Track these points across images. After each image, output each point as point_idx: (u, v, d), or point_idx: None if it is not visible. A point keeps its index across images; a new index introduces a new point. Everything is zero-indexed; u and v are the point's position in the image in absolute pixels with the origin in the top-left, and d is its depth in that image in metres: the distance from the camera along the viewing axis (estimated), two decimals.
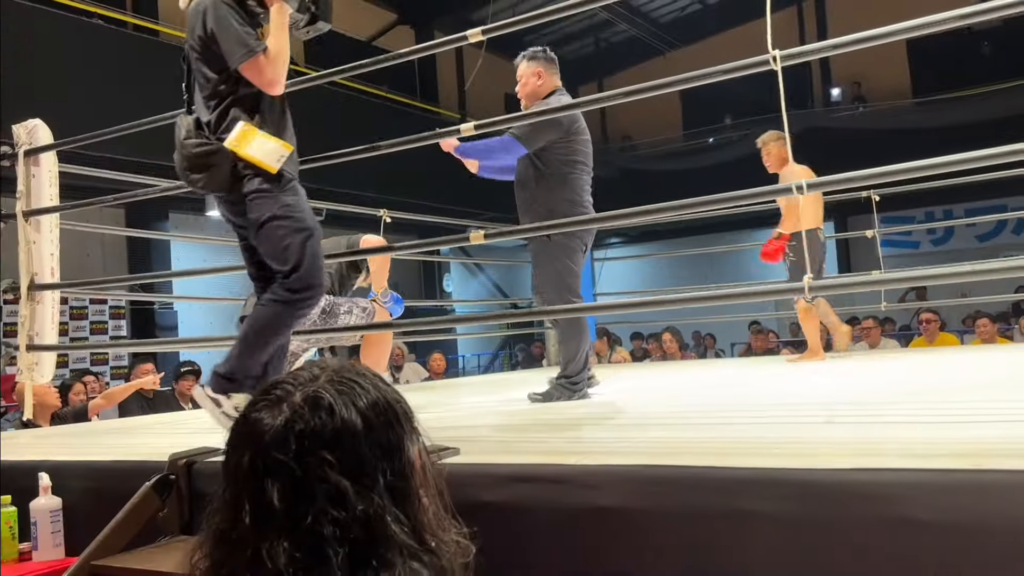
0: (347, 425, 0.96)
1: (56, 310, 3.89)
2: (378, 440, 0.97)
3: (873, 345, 7.48)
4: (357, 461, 0.95)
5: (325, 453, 0.94)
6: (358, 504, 0.93)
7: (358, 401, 0.98)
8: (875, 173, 2.23)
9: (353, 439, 0.96)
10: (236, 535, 0.94)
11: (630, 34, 15.84)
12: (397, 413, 1.01)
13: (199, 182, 2.75)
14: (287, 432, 0.95)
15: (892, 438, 2.07)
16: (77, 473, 2.62)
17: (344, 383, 1.00)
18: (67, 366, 9.17)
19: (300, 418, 0.96)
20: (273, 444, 0.95)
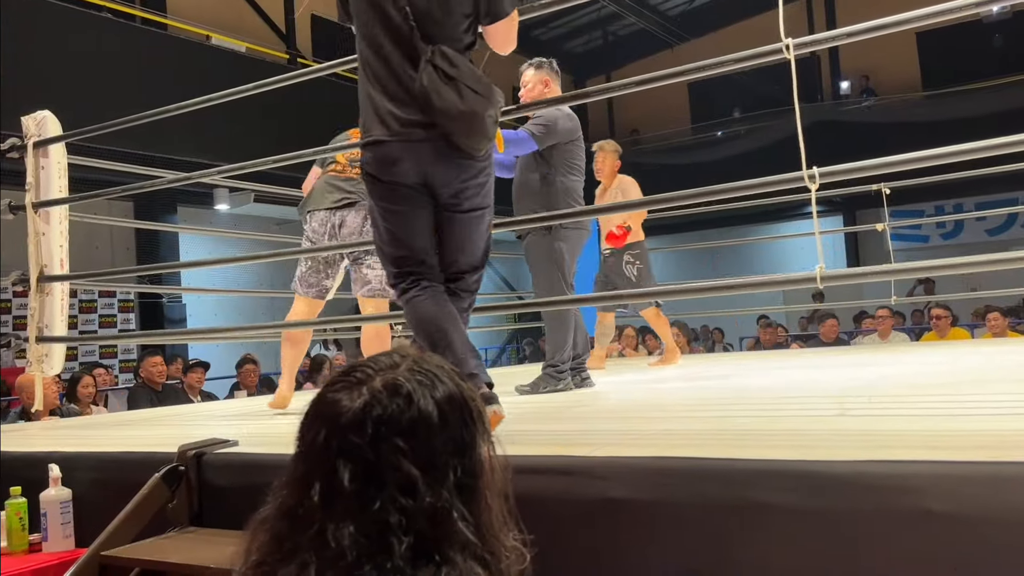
0: (423, 416, 0.96)
1: (65, 302, 3.89)
2: (452, 435, 0.98)
3: (884, 336, 7.45)
4: (430, 453, 0.95)
5: (399, 441, 0.94)
6: (426, 496, 0.93)
7: (436, 393, 0.98)
8: (886, 163, 2.21)
9: (428, 431, 0.96)
10: (302, 511, 0.95)
11: (638, 27, 15.79)
12: (472, 410, 1.01)
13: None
14: (364, 416, 0.95)
15: (906, 430, 2.05)
16: (87, 464, 2.62)
17: (424, 373, 1.00)
18: (76, 359, 9.21)
19: (378, 403, 0.96)
20: (349, 426, 0.95)
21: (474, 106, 2.26)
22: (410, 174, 2.35)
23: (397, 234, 2.42)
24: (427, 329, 2.39)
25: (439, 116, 2.25)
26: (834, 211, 14.41)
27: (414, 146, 2.32)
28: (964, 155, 2.03)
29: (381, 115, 2.35)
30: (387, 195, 2.39)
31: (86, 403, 6.00)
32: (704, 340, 11.38)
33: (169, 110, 3.72)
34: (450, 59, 2.27)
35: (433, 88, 2.24)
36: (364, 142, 2.40)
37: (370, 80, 2.39)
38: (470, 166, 2.37)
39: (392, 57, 2.34)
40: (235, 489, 2.31)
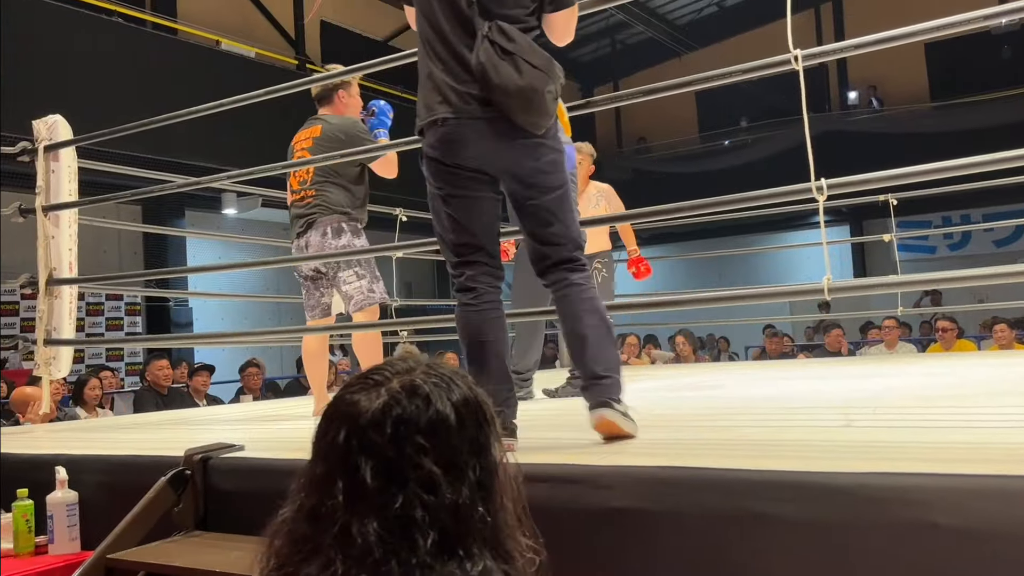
0: (441, 416, 0.99)
1: (74, 305, 3.91)
2: (469, 436, 1.00)
3: (890, 347, 7.43)
4: (450, 452, 0.98)
5: (420, 439, 0.97)
6: (447, 493, 0.96)
7: (452, 395, 1.01)
8: (894, 175, 2.22)
9: (447, 430, 0.98)
10: (324, 510, 0.96)
11: (646, 36, 15.82)
12: (486, 413, 1.04)
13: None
14: (384, 415, 0.98)
15: (912, 442, 2.05)
16: (93, 467, 2.63)
17: (440, 377, 1.03)
18: (83, 362, 9.24)
19: (397, 403, 0.99)
20: (370, 425, 0.97)
21: (533, 81, 2.19)
22: (475, 157, 2.27)
23: (459, 220, 2.33)
24: (468, 340, 2.33)
25: (497, 92, 2.18)
26: (841, 221, 14.39)
27: (477, 124, 2.25)
28: (972, 168, 2.03)
29: (444, 92, 2.29)
30: (450, 179, 2.32)
31: (92, 405, 6.02)
32: (710, 349, 11.36)
33: (180, 115, 3.74)
34: (507, 34, 2.21)
35: (490, 63, 2.18)
36: (427, 122, 2.32)
37: (431, 59, 2.34)
38: (536, 145, 2.28)
39: (452, 35, 2.29)
40: (241, 493, 2.32)
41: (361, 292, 3.71)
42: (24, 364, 8.73)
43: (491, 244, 2.37)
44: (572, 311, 2.29)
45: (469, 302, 2.33)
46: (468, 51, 2.26)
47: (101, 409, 6.20)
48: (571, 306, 2.30)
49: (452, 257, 2.38)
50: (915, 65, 14.44)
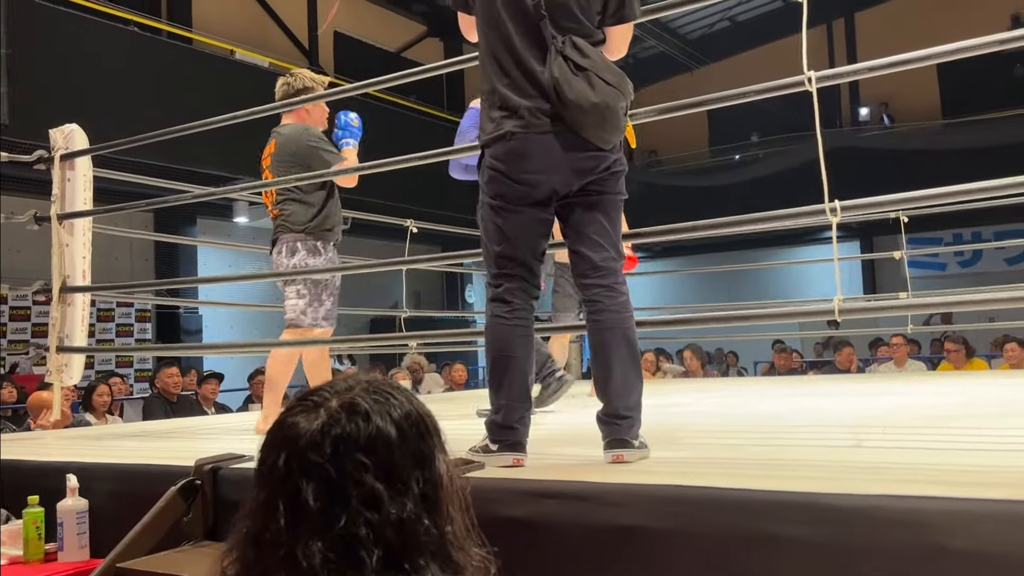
0: (382, 432, 0.99)
1: (86, 313, 3.94)
2: (411, 449, 1.00)
3: (900, 364, 7.41)
4: (391, 467, 0.98)
5: (360, 456, 0.96)
6: (391, 508, 0.96)
7: (392, 411, 1.01)
8: (907, 197, 2.22)
9: (387, 446, 0.98)
10: (269, 536, 0.96)
11: (658, 50, 15.85)
12: (428, 426, 1.04)
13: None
14: (323, 436, 0.98)
15: (922, 464, 2.05)
16: (104, 475, 2.64)
17: (379, 393, 1.03)
18: (92, 367, 9.28)
19: (336, 423, 0.99)
20: (309, 447, 0.97)
21: (607, 98, 2.17)
22: (540, 170, 2.24)
23: (507, 233, 2.31)
24: (495, 353, 2.31)
25: (571, 108, 2.16)
26: (851, 236, 14.36)
27: (545, 139, 2.22)
28: (986, 192, 2.03)
29: (512, 107, 2.25)
30: (508, 192, 2.29)
31: (101, 412, 6.04)
32: (718, 363, 11.34)
33: (194, 126, 3.77)
34: (581, 49, 2.19)
35: (564, 79, 2.16)
36: (493, 136, 2.29)
37: (497, 72, 2.31)
38: (603, 157, 2.26)
39: (520, 47, 2.26)
40: None
41: (294, 311, 3.69)
42: (35, 369, 8.78)
43: (533, 261, 2.35)
44: (603, 339, 2.28)
45: (502, 314, 2.31)
46: (538, 64, 2.24)
47: (110, 416, 6.22)
48: (603, 334, 2.28)
49: (493, 268, 2.36)
50: (927, 82, 14.43)
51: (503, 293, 2.32)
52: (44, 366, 4.02)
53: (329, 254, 3.74)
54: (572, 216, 2.33)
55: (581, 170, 2.25)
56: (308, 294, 3.68)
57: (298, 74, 3.90)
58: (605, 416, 2.26)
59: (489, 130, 2.31)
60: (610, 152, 2.27)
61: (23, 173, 4.70)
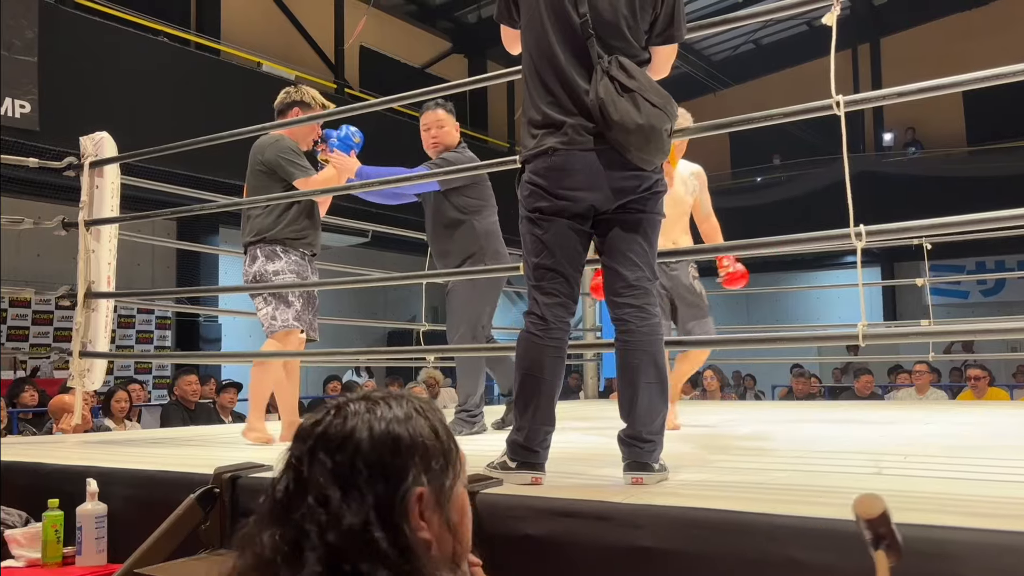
0: (353, 436, 1.02)
1: (110, 318, 3.97)
2: (376, 460, 1.02)
3: (921, 392, 7.34)
4: (349, 472, 1.00)
5: (324, 456, 1.01)
6: (342, 513, 0.98)
7: (376, 421, 1.04)
8: (932, 224, 2.21)
9: (354, 451, 1.02)
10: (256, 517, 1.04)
11: (682, 71, 15.88)
12: (410, 444, 1.04)
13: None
14: (311, 430, 1.05)
15: (944, 493, 2.03)
16: (124, 481, 2.66)
17: (376, 401, 1.07)
18: (112, 373, 9.35)
19: (323, 421, 1.05)
20: (298, 438, 1.05)
21: (652, 120, 2.16)
22: (581, 187, 2.23)
23: (545, 242, 2.29)
24: (523, 371, 2.30)
25: (616, 129, 2.15)
26: (872, 262, 14.28)
27: (588, 156, 2.21)
28: (1013, 221, 2.02)
29: (555, 123, 2.24)
30: (548, 207, 2.27)
31: (120, 418, 6.08)
32: (736, 387, 11.27)
33: (219, 137, 3.81)
34: (627, 70, 2.19)
35: (609, 99, 2.15)
36: (535, 152, 2.28)
37: (539, 87, 2.30)
38: (645, 177, 2.26)
39: (566, 65, 2.25)
40: None
41: (265, 319, 3.70)
42: (56, 373, 8.85)
43: (572, 273, 2.33)
44: (631, 362, 2.26)
45: (536, 332, 2.30)
46: (583, 83, 2.23)
47: (128, 421, 6.26)
48: (631, 356, 2.26)
49: (532, 280, 2.34)
50: (953, 109, 14.37)
51: (541, 308, 2.30)
52: (65, 370, 4.06)
53: (292, 258, 3.69)
54: (609, 233, 2.32)
55: (622, 189, 2.24)
56: (273, 299, 3.68)
57: (301, 87, 3.94)
58: (627, 438, 2.25)
59: (530, 146, 2.30)
60: (652, 172, 2.27)
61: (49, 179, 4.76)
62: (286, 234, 3.69)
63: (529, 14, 2.34)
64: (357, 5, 12.35)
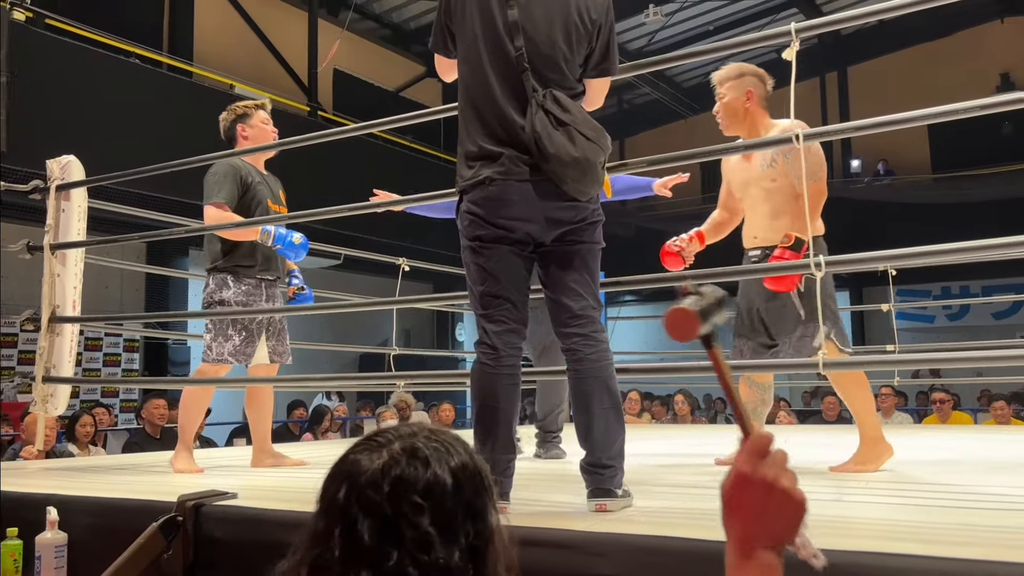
0: (439, 479, 1.02)
1: (74, 343, 3.93)
2: (464, 499, 1.03)
3: (886, 416, 7.41)
4: (444, 514, 1.01)
5: (417, 499, 1.00)
6: (440, 554, 0.99)
7: (451, 460, 1.04)
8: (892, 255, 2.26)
9: (442, 493, 1.01)
10: (323, 563, 1.01)
11: (653, 97, 16.08)
12: (483, 480, 1.07)
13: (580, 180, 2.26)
14: (383, 475, 1.02)
15: (904, 520, 2.05)
16: (85, 509, 2.62)
17: (440, 443, 1.07)
18: (77, 396, 9.20)
19: (397, 464, 1.02)
20: (369, 484, 1.01)
21: (587, 153, 2.21)
22: (518, 217, 2.27)
23: (488, 270, 2.33)
24: (480, 402, 2.31)
25: (552, 162, 2.19)
26: (841, 287, 14.44)
27: (523, 187, 2.25)
28: (973, 252, 2.07)
29: (491, 154, 2.28)
30: (486, 235, 2.31)
31: (84, 443, 5.99)
32: (707, 410, 11.33)
33: (191, 162, 3.81)
34: (562, 104, 2.23)
35: (544, 132, 2.19)
36: (471, 183, 2.31)
37: (474, 119, 2.34)
38: (581, 208, 2.30)
39: (501, 97, 2.29)
40: (231, 543, 2.31)
41: (205, 346, 3.68)
42: (20, 397, 8.71)
43: (519, 298, 2.35)
44: (584, 389, 2.29)
45: (487, 362, 2.32)
46: (517, 115, 2.26)
47: (93, 447, 6.17)
48: (584, 383, 2.29)
49: (479, 309, 2.37)
50: (918, 137, 14.64)
51: (491, 337, 2.33)
52: (29, 394, 4.00)
53: (242, 287, 3.65)
54: (551, 266, 2.36)
55: (558, 220, 2.29)
56: (213, 328, 3.64)
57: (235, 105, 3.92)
58: (588, 465, 2.26)
59: (467, 176, 2.33)
60: (587, 203, 2.31)
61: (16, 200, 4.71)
62: (236, 261, 3.66)
63: (466, 46, 2.38)
64: (331, 28, 12.39)
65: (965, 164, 13.62)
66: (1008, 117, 13.79)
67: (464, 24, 2.37)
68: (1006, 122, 13.50)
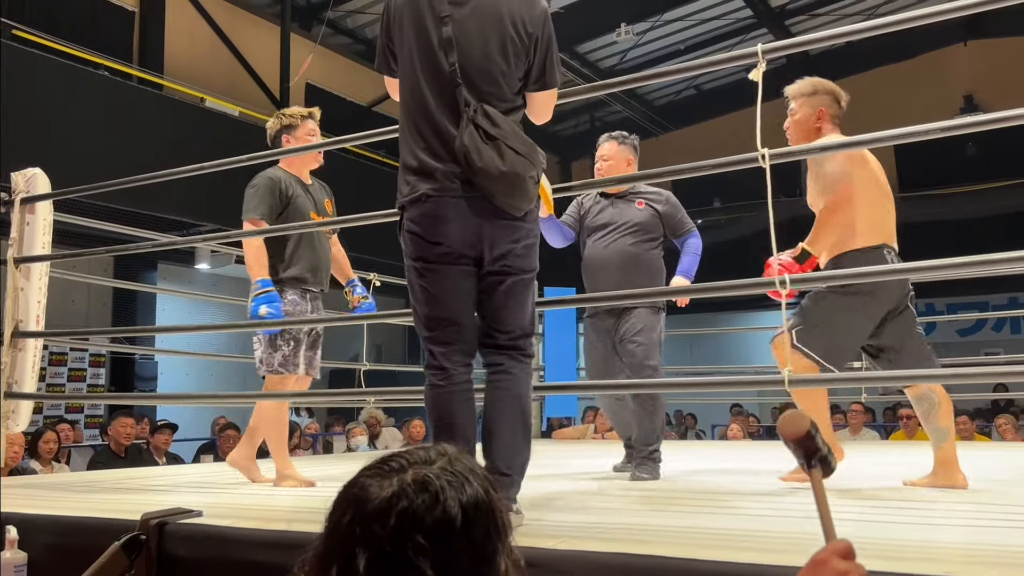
0: (448, 518, 0.96)
1: (38, 358, 3.87)
2: (473, 542, 0.97)
3: (854, 432, 7.49)
4: (448, 556, 0.95)
5: (420, 538, 0.94)
6: None
7: (464, 495, 0.98)
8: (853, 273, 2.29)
9: (450, 533, 0.95)
10: None
11: (624, 115, 16.18)
12: (498, 522, 1.00)
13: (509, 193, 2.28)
14: (390, 506, 0.96)
15: (870, 538, 2.07)
16: (46, 527, 2.58)
17: (456, 475, 1.00)
18: (41, 412, 9.06)
19: (405, 496, 0.96)
20: (374, 514, 0.96)
21: (515, 167, 2.23)
22: (457, 235, 2.28)
23: (434, 292, 2.33)
24: (436, 422, 2.32)
25: (480, 176, 2.21)
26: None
27: (459, 203, 2.26)
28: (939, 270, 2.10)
29: (428, 170, 2.30)
30: (427, 254, 2.32)
31: (47, 460, 5.89)
32: (678, 426, 11.37)
33: (161, 175, 3.78)
34: (491, 118, 2.25)
35: (473, 147, 2.21)
36: (409, 199, 2.32)
37: (414, 134, 2.36)
38: (517, 227, 2.33)
39: (437, 112, 2.31)
40: (195, 561, 2.28)
41: (257, 360, 3.69)
42: None
43: (465, 319, 2.37)
44: (498, 397, 2.32)
45: (438, 383, 2.33)
46: (452, 129, 2.28)
47: (56, 463, 6.07)
48: (499, 393, 2.32)
49: (424, 331, 2.38)
50: (885, 157, 14.79)
51: (439, 359, 2.34)
52: None
53: (288, 298, 3.65)
54: (487, 291, 2.38)
55: (495, 240, 2.30)
56: (263, 341, 3.65)
57: (283, 112, 3.89)
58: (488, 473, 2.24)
59: (405, 192, 2.36)
60: (524, 221, 2.34)
61: None
62: (288, 274, 3.68)
63: (404, 63, 2.41)
64: (303, 42, 12.36)
65: (931, 184, 13.85)
66: (972, 138, 14.07)
67: (402, 42, 2.41)
68: (969, 143, 13.76)
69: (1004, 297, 12.87)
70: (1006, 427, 6.93)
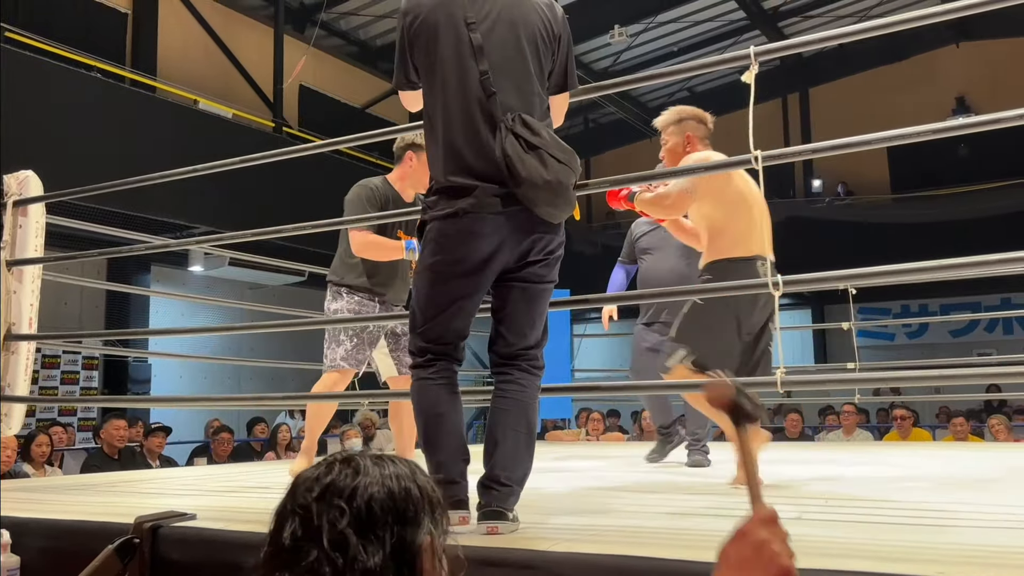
0: (367, 486, 1.05)
1: (30, 361, 3.85)
2: (393, 507, 1.05)
3: (848, 433, 7.51)
4: (368, 518, 1.03)
5: (339, 501, 1.03)
6: (358, 556, 1.01)
7: (385, 470, 1.08)
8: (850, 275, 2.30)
9: (368, 499, 1.04)
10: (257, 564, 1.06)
11: (618, 117, 16.21)
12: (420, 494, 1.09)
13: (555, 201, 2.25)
14: (316, 481, 1.07)
15: (863, 539, 2.07)
16: (39, 531, 2.56)
17: (382, 459, 1.11)
18: (34, 415, 9.03)
19: (331, 471, 1.07)
20: (303, 485, 1.07)
21: (559, 175, 2.19)
22: (487, 249, 2.23)
23: (443, 307, 2.29)
24: (424, 415, 2.29)
25: (524, 186, 2.16)
26: (803, 305, 14.64)
27: (497, 219, 2.21)
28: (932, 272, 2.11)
29: (463, 185, 2.23)
30: (448, 268, 2.27)
31: (40, 463, 5.87)
32: None
33: (153, 178, 3.77)
34: (531, 127, 2.20)
35: (516, 156, 2.16)
36: (444, 214, 2.25)
37: (443, 148, 2.29)
38: (550, 239, 2.29)
39: (469, 123, 2.25)
40: (189, 565, 2.27)
41: (325, 357, 3.83)
42: None
43: (465, 333, 2.37)
44: (504, 407, 2.28)
45: (428, 376, 2.32)
46: (489, 138, 2.22)
47: (49, 467, 6.04)
48: (505, 403, 2.29)
49: (419, 340, 2.34)
50: (878, 159, 14.92)
51: (426, 362, 2.33)
52: None
53: (354, 298, 3.80)
54: (503, 297, 2.35)
55: (526, 251, 2.27)
56: (329, 336, 3.82)
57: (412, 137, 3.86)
58: (486, 480, 2.23)
59: (438, 206, 2.29)
60: (556, 232, 2.31)
61: None
62: (350, 280, 3.80)
63: (430, 76, 2.34)
64: (297, 44, 12.34)
65: (923, 185, 13.90)
66: (963, 139, 14.11)
67: (427, 53, 2.33)
68: (962, 144, 13.80)
69: (997, 298, 12.93)
70: (999, 428, 6.95)
